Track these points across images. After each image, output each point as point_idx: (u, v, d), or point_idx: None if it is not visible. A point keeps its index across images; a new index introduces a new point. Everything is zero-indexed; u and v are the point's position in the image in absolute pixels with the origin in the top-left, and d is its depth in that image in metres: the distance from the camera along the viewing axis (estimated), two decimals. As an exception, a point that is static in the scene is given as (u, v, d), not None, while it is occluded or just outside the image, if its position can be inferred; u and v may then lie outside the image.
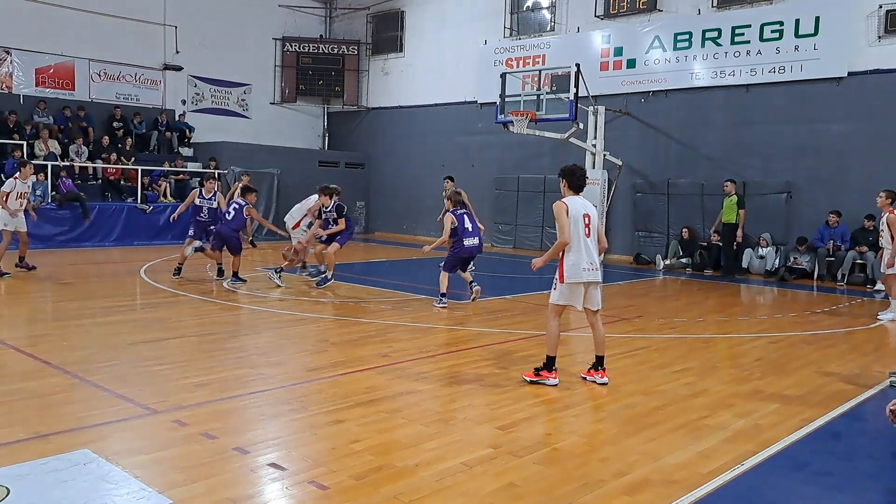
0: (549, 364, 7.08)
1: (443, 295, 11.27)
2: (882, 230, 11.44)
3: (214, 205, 13.43)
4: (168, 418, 5.65)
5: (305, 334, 9.24)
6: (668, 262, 18.17)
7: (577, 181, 7.18)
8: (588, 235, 7.03)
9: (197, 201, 13.51)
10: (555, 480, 4.74)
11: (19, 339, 8.26)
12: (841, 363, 8.43)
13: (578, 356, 8.40)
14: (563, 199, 7.11)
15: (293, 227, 13.66)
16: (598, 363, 7.22)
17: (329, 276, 12.66)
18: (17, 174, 13.24)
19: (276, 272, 12.77)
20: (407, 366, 7.67)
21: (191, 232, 13.50)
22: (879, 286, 15.11)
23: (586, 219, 7.04)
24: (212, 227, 13.17)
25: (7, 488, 4.20)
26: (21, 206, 13.16)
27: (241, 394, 6.46)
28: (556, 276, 7.10)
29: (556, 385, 6.97)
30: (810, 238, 16.55)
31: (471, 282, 11.66)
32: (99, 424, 5.48)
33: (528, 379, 7.06)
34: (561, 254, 7.03)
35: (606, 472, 4.90)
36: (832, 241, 16.12)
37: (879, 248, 12.17)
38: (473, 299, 11.57)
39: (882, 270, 11.58)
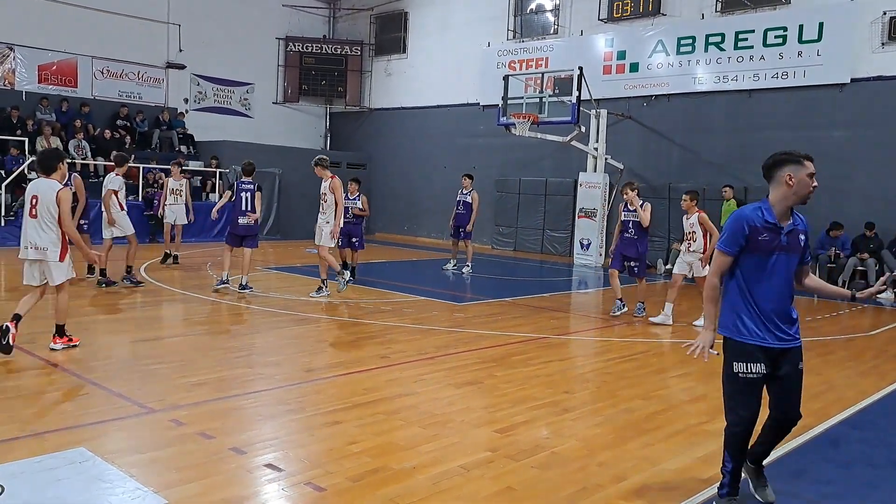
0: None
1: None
2: (692, 232, 10.67)
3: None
4: (165, 417, 5.63)
5: (304, 335, 9.22)
6: (668, 266, 18.15)
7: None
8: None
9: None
10: (553, 485, 4.71)
11: (18, 335, 8.21)
12: (840, 370, 8.41)
13: (573, 362, 8.35)
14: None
15: None
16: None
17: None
18: (117, 170, 12.12)
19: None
20: (406, 367, 7.65)
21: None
22: (883, 295, 15.09)
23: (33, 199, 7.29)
24: None
25: (1, 486, 4.18)
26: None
27: (239, 394, 6.45)
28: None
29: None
30: (811, 245, 16.50)
31: None
32: (95, 423, 5.47)
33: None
34: None
35: (604, 476, 4.88)
36: (833, 248, 16.10)
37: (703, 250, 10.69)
38: None
39: (705, 274, 10.04)
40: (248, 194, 12.00)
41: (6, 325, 7.20)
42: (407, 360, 8.00)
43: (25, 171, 18.37)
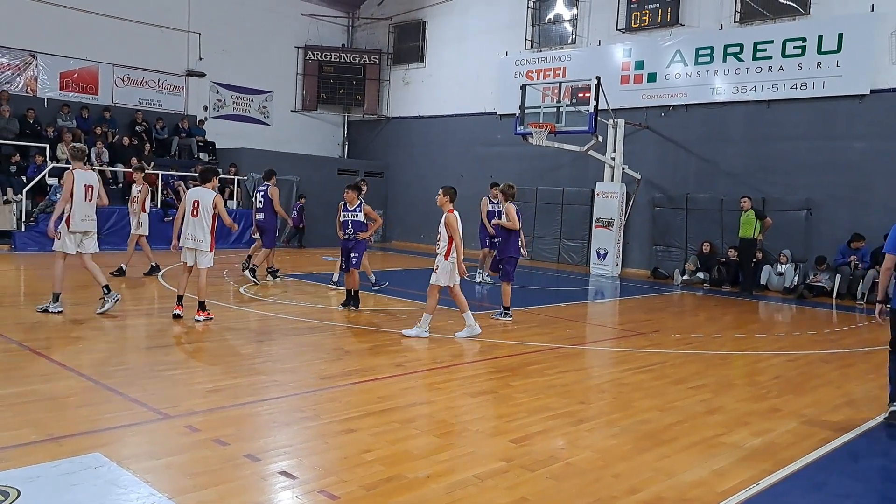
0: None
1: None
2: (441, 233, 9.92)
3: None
4: (180, 423, 5.65)
5: (320, 342, 9.23)
6: (685, 277, 18.06)
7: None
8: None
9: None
10: (567, 496, 4.68)
11: (35, 340, 8.29)
12: (860, 383, 8.31)
13: (587, 365, 8.29)
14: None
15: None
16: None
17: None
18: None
19: None
20: (420, 376, 7.65)
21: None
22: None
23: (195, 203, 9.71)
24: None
25: (18, 490, 4.20)
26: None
27: (254, 400, 6.45)
28: None
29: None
30: (830, 256, 16.41)
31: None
32: (111, 428, 5.49)
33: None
34: None
35: (619, 488, 4.84)
36: (853, 258, 15.96)
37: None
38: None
39: (433, 281, 9.80)
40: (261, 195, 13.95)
41: (175, 313, 9.89)
42: (422, 368, 8.00)
43: (46, 178, 18.53)
